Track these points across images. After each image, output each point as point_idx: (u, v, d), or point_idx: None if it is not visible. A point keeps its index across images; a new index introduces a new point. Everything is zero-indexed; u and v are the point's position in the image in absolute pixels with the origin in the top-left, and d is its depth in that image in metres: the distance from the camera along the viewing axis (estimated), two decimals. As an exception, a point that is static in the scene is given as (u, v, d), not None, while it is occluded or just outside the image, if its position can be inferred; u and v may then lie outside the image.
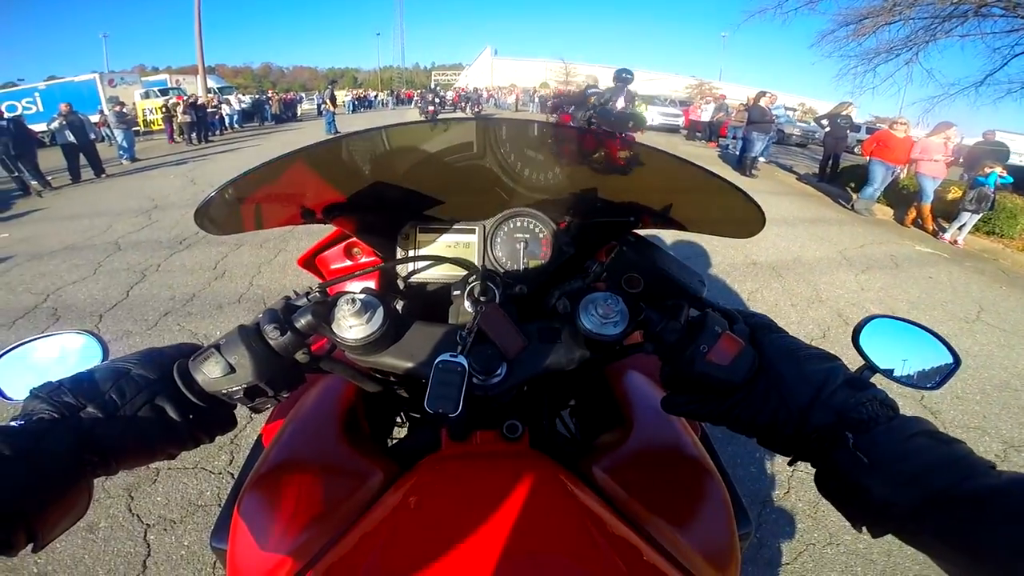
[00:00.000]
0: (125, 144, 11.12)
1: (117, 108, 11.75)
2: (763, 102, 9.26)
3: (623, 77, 7.30)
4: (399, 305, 0.61)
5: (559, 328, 0.61)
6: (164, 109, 15.23)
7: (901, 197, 7.51)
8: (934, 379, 0.66)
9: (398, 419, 0.99)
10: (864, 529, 0.43)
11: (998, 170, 5.93)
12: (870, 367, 0.60)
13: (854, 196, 7.69)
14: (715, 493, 0.63)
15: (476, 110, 23.33)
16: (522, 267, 0.88)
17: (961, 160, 7.49)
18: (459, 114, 24.03)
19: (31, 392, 0.45)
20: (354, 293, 0.57)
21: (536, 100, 28.01)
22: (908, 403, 2.60)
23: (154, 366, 0.50)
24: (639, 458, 0.67)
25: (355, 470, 0.62)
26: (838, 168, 9.27)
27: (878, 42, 9.42)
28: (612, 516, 0.53)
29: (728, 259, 4.60)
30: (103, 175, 9.29)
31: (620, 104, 7.09)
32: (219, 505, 1.89)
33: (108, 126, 15.55)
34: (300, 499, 0.58)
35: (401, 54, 79.06)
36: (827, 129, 9.58)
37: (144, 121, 18.05)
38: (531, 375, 0.60)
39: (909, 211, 6.94)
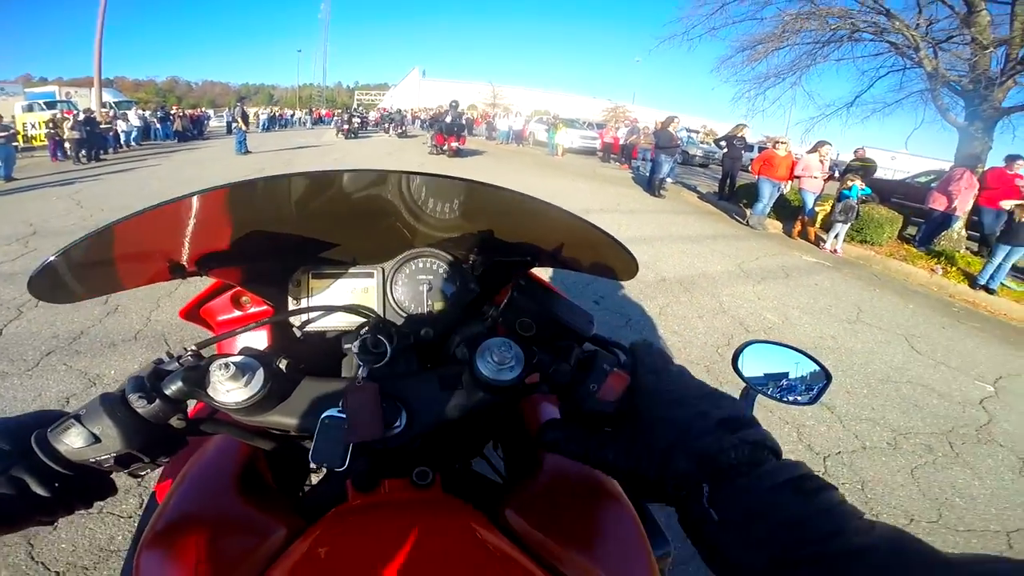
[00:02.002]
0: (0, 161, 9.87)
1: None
2: (671, 127, 9.98)
3: (452, 104, 13.93)
4: (283, 364, 0.58)
5: (460, 374, 0.61)
6: (50, 124, 13.66)
7: (788, 211, 8.34)
8: (809, 395, 0.70)
9: (313, 466, 0.95)
10: None
11: (858, 183, 6.83)
12: (751, 388, 0.64)
13: (748, 212, 8.43)
14: (627, 520, 0.64)
15: (400, 131, 23.02)
16: (426, 310, 0.86)
17: (836, 175, 8.48)
18: (382, 135, 23.68)
19: None
20: (229, 356, 0.54)
21: (463, 123, 28.21)
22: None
23: (7, 437, 0.47)
24: (549, 493, 0.67)
25: (255, 526, 0.59)
26: (735, 186, 10.11)
27: (768, 67, 10.48)
28: (524, 558, 0.52)
29: (640, 277, 4.78)
30: (-31, 196, 8.16)
31: (449, 120, 13.72)
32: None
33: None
34: (199, 559, 0.54)
35: (323, 72, 77.03)
36: (725, 150, 10.48)
37: (24, 136, 16.03)
38: (433, 423, 0.59)
39: (795, 224, 7.74)
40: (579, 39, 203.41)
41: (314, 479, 0.95)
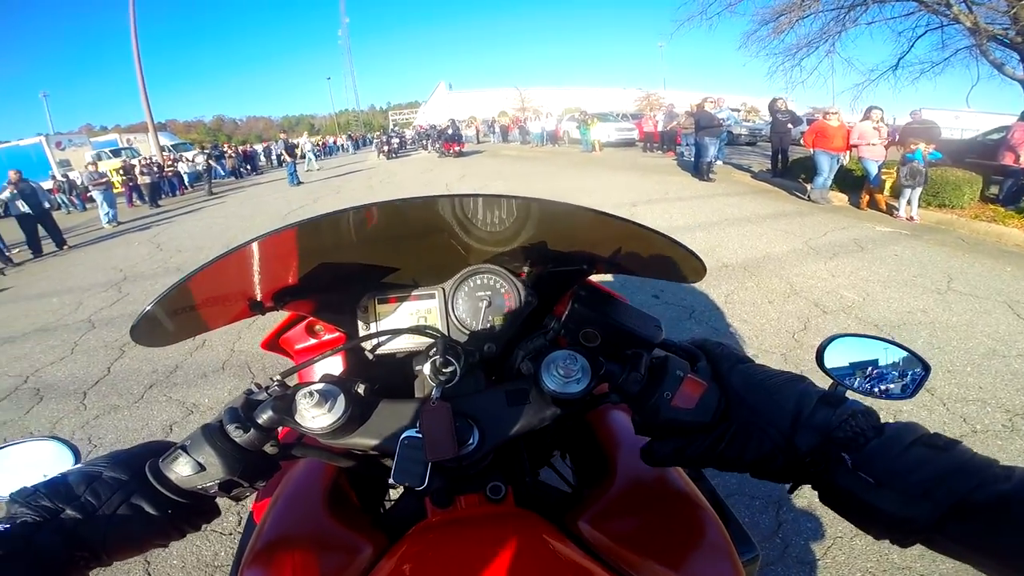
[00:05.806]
0: (107, 206, 10.95)
1: (92, 167, 11.72)
2: (707, 107, 9.64)
3: (451, 121, 21.03)
4: (361, 388, 0.61)
5: (526, 389, 0.62)
6: (122, 171, 14.85)
7: (851, 182, 7.85)
8: (906, 389, 0.66)
9: (391, 482, 0.98)
10: (888, 541, 0.42)
11: (922, 146, 6.35)
12: (839, 384, 0.60)
13: (808, 187, 8.00)
14: (709, 525, 0.63)
15: (436, 146, 23.46)
16: (488, 325, 0.88)
17: (897, 140, 7.94)
18: (421, 152, 24.23)
19: (10, 496, 0.48)
20: (312, 384, 0.58)
21: (497, 130, 28.42)
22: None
23: (124, 467, 0.52)
24: (625, 503, 0.67)
25: (344, 545, 0.63)
26: (788, 162, 9.62)
27: (797, 37, 9.93)
28: (600, 569, 0.53)
29: (702, 263, 4.71)
30: (64, 246, 9.02)
31: (450, 130, 19.86)
32: (238, 565, 1.89)
33: (63, 192, 15.09)
34: None
35: (355, 97, 79.81)
36: (770, 124, 10.02)
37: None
38: (504, 439, 0.60)
39: (862, 194, 7.27)
40: (599, 31, 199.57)
41: (392, 494, 0.99)
